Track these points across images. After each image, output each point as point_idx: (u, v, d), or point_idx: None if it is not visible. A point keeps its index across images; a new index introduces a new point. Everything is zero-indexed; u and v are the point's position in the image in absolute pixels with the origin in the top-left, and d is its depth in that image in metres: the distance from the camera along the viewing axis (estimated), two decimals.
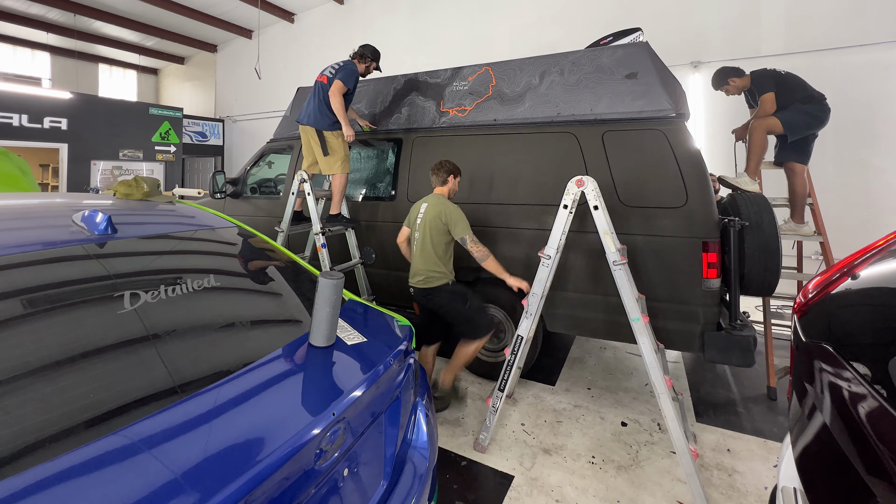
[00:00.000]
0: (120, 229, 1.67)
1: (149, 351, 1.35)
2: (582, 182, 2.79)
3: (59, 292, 1.42)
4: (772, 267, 3.03)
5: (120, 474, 0.97)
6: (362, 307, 2.14)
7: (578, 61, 3.67)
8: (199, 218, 2.18)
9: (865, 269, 1.46)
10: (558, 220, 2.89)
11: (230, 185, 5.28)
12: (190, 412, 1.18)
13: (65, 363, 1.22)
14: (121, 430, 1.07)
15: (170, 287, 1.56)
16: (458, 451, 2.95)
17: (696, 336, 3.10)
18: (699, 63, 7.22)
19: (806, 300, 1.60)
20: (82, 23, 12.35)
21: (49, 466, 0.95)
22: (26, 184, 3.68)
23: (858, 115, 6.12)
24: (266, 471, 1.04)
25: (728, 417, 3.35)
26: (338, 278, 1.59)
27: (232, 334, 1.65)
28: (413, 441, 1.80)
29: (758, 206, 3.14)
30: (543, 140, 3.67)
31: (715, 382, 3.93)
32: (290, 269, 2.18)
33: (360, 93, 4.84)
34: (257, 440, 1.13)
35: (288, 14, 11.85)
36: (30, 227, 1.65)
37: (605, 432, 3.17)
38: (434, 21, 9.84)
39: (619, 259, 2.66)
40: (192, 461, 1.03)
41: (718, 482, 2.66)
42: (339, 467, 1.33)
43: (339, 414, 1.29)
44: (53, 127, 9.66)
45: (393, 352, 1.70)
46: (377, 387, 1.53)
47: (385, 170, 4.56)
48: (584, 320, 3.50)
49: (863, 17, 6.19)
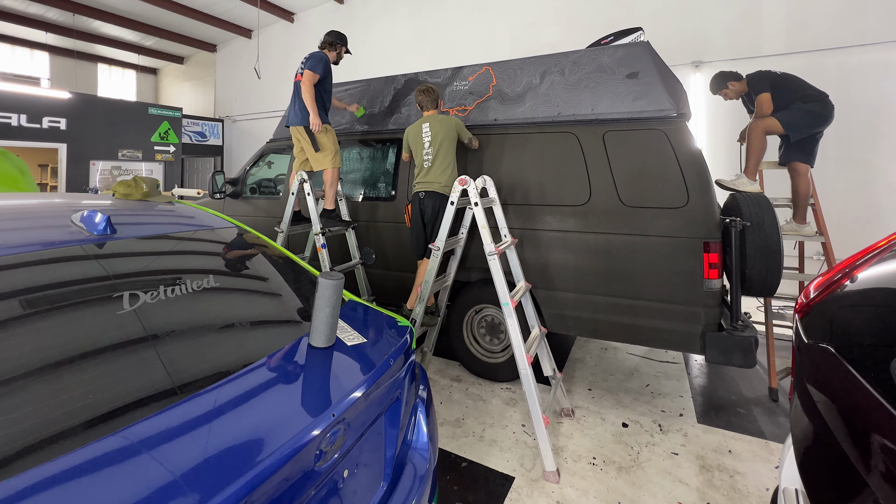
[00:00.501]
0: (119, 230, 1.67)
1: (148, 352, 1.35)
2: (464, 181, 3.20)
3: (58, 293, 1.42)
4: (773, 267, 3.03)
5: (119, 476, 0.97)
6: (362, 308, 2.14)
7: (579, 61, 3.68)
8: (198, 218, 2.18)
9: (867, 269, 1.46)
10: (446, 216, 3.37)
11: (230, 185, 5.28)
12: (189, 413, 1.18)
13: (64, 364, 1.22)
14: (120, 432, 1.07)
15: (169, 288, 1.56)
16: (459, 452, 2.95)
17: (698, 337, 3.10)
18: (700, 63, 7.23)
19: (807, 301, 1.60)
20: (81, 22, 12.36)
21: (47, 468, 0.95)
22: (25, 184, 3.67)
23: (860, 116, 6.13)
24: (266, 472, 1.04)
25: (729, 418, 3.35)
26: (338, 279, 1.59)
27: (231, 335, 1.65)
28: (413, 442, 1.79)
29: (759, 206, 3.14)
30: (544, 140, 3.67)
31: (716, 383, 3.93)
32: (290, 270, 2.18)
33: (360, 92, 4.85)
34: (257, 441, 1.13)
35: (287, 14, 11.86)
36: (29, 228, 1.65)
37: (605, 433, 3.16)
38: (434, 20, 9.85)
39: (493, 251, 2.93)
40: (192, 462, 1.02)
41: (720, 483, 2.66)
42: (339, 468, 1.33)
43: (339, 415, 1.29)
44: (52, 127, 9.66)
45: (393, 352, 1.70)
46: (377, 387, 1.53)
47: (385, 170, 4.57)
48: (584, 321, 3.49)
49: (864, 16, 6.20)
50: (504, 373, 3.83)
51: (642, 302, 3.26)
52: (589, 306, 3.44)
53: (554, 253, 3.54)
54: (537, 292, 3.60)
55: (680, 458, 2.89)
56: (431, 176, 3.75)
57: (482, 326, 3.98)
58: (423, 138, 3.78)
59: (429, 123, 3.78)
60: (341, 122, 4.88)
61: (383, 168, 4.59)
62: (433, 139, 3.73)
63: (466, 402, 3.58)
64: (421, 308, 3.49)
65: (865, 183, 6.06)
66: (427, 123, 3.78)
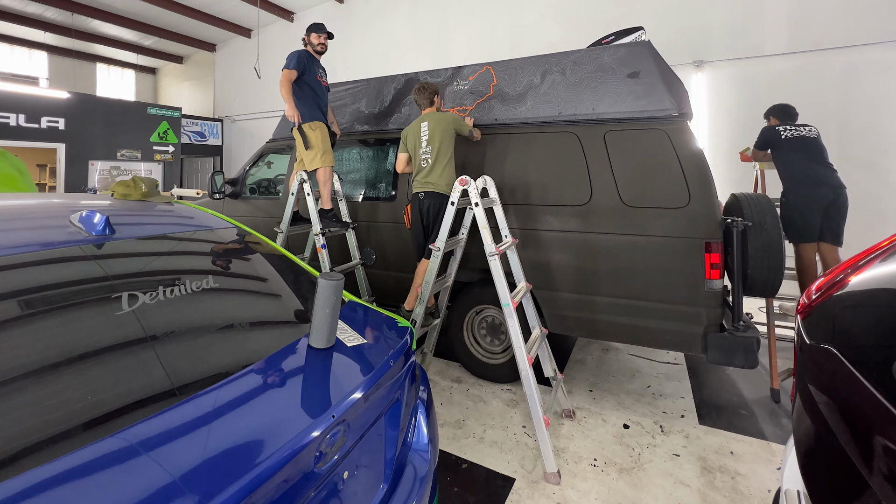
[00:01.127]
0: (118, 230, 1.67)
1: (147, 353, 1.35)
2: (465, 181, 3.20)
3: (56, 293, 1.42)
4: (775, 268, 3.03)
5: (117, 477, 0.97)
6: (362, 308, 2.14)
7: (580, 60, 3.68)
8: (197, 218, 2.18)
9: (870, 270, 1.46)
10: (446, 216, 3.36)
11: (229, 185, 5.28)
12: (188, 414, 1.17)
13: (62, 365, 1.22)
14: (118, 433, 1.07)
15: (168, 288, 1.56)
16: (459, 453, 2.95)
17: (699, 337, 3.10)
18: (702, 62, 7.23)
19: (810, 302, 1.59)
20: (80, 22, 12.36)
21: (45, 469, 0.94)
22: (23, 184, 3.67)
23: (864, 116, 6.14)
24: (265, 473, 1.04)
25: (731, 420, 3.35)
26: (337, 279, 1.59)
27: (231, 336, 1.65)
28: (414, 443, 1.79)
29: (761, 206, 3.14)
30: (545, 140, 3.67)
31: (718, 384, 3.93)
32: (290, 271, 2.18)
33: (360, 92, 4.85)
34: (256, 443, 1.13)
35: (287, 13, 11.86)
36: (27, 228, 1.65)
37: (607, 434, 3.16)
38: (435, 20, 9.85)
39: (494, 252, 2.94)
40: (191, 464, 1.02)
41: (721, 485, 2.65)
42: (339, 470, 1.33)
43: (338, 416, 1.29)
44: (51, 127, 9.67)
45: (393, 353, 1.70)
46: (377, 388, 1.52)
47: (385, 170, 4.57)
48: (585, 321, 3.49)
49: (868, 15, 6.19)
50: (505, 374, 3.83)
51: (643, 302, 3.26)
52: (590, 307, 3.44)
53: (555, 253, 3.54)
54: (538, 293, 3.61)
55: (681, 460, 2.89)
56: (432, 176, 3.71)
57: (483, 327, 3.98)
58: (422, 137, 3.74)
59: (427, 122, 3.75)
60: (341, 122, 4.87)
61: (383, 168, 4.59)
62: (431, 137, 3.70)
63: (467, 403, 3.58)
64: (421, 309, 3.49)
65: (868, 183, 6.04)
66: (425, 122, 3.75)
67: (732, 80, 7.11)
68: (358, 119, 4.79)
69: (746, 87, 6.99)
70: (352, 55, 10.75)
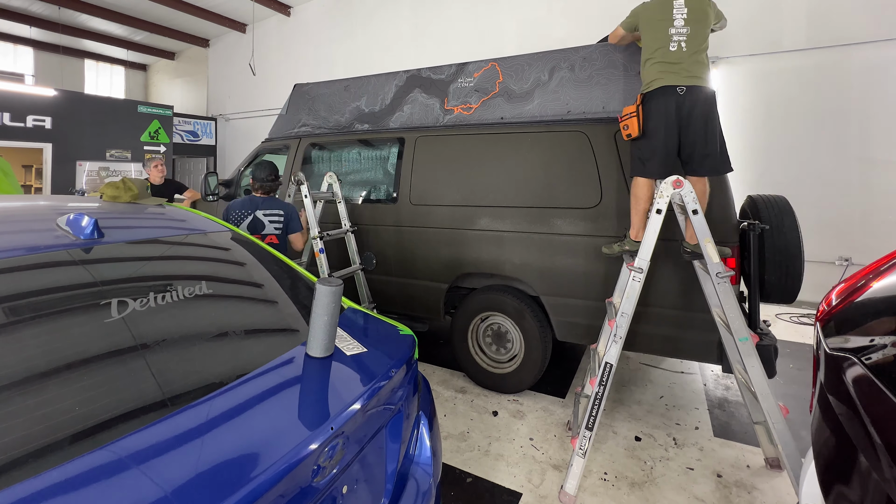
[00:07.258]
0: (107, 233, 1.67)
1: (137, 362, 1.36)
2: (680, 183, 2.67)
3: (42, 300, 1.42)
4: (793, 273, 3.02)
5: (107, 493, 0.97)
6: (362, 315, 2.14)
7: (590, 57, 3.68)
8: (190, 221, 2.19)
9: (893, 275, 1.46)
10: (651, 228, 2.75)
11: (223, 186, 5.29)
12: (181, 426, 1.18)
13: (49, 374, 1.22)
14: (108, 445, 1.07)
15: (159, 294, 1.57)
16: (463, 466, 2.95)
17: (714, 345, 3.09)
18: (717, 59, 7.22)
19: (829, 308, 1.59)
20: (67, 16, 12.44)
21: (30, 484, 0.95)
22: (8, 186, 3.70)
23: (885, 114, 6.11)
24: (261, 488, 1.04)
25: (747, 431, 3.33)
26: (336, 285, 1.60)
27: (225, 344, 1.65)
28: (416, 456, 1.79)
29: (778, 208, 3.13)
30: (553, 139, 3.68)
31: (733, 395, 3.91)
32: (287, 276, 2.19)
33: (360, 90, 4.86)
34: (252, 456, 1.13)
35: (284, 7, 11.90)
36: (12, 231, 1.66)
37: (617, 447, 3.16)
38: (438, 14, 9.88)
39: (724, 271, 2.56)
40: (183, 478, 1.03)
41: (738, 500, 2.65)
42: (338, 484, 1.33)
43: (337, 428, 1.29)
44: (37, 126, 9.70)
45: (394, 362, 1.70)
46: (378, 399, 1.53)
47: (386, 171, 4.57)
48: (596, 329, 3.48)
49: (893, 9, 6.17)
50: (511, 384, 3.83)
51: (656, 309, 3.25)
52: (600, 314, 3.43)
53: (563, 258, 3.54)
54: (546, 299, 3.60)
55: (695, 474, 2.88)
56: (688, 64, 3.07)
57: (488, 335, 3.98)
58: (675, 13, 3.06)
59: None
60: (341, 122, 4.88)
61: (385, 169, 4.60)
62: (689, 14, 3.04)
63: (471, 414, 3.58)
64: None
65: (890, 184, 6.02)
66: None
67: (749, 77, 7.10)
68: (358, 118, 4.80)
69: (763, 85, 6.97)
70: (352, 50, 10.80)
